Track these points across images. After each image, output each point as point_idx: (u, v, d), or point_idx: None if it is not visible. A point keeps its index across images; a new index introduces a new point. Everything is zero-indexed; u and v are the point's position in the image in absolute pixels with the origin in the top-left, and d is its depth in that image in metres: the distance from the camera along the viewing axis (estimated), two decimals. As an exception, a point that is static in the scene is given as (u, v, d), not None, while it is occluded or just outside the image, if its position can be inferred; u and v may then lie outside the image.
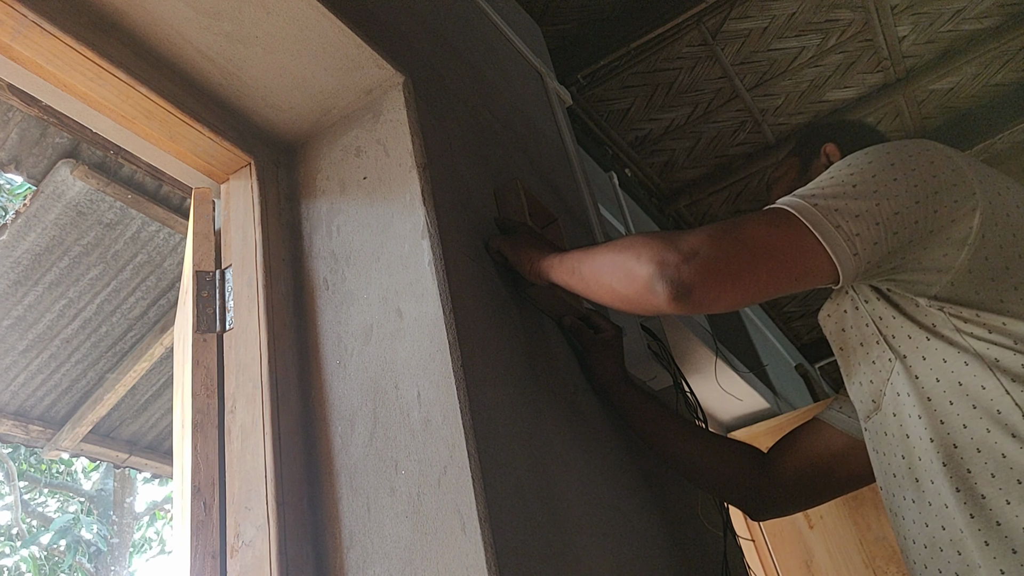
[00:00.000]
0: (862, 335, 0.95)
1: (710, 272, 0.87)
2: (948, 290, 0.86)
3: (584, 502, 1.02)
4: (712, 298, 0.88)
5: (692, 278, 0.87)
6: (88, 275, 2.71)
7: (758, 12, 2.92)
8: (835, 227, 0.85)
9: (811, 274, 0.88)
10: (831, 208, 0.87)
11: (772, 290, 0.89)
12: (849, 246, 0.85)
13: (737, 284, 0.88)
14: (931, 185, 0.87)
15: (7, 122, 2.15)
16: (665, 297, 0.89)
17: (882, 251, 0.86)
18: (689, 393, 1.50)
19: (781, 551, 2.84)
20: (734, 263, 0.87)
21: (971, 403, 0.84)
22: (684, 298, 0.88)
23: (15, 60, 0.93)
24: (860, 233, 0.85)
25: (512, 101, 1.68)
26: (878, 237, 0.85)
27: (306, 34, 1.06)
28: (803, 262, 0.87)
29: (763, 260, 0.87)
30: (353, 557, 0.86)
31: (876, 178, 0.88)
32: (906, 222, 0.86)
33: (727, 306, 0.90)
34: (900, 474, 0.92)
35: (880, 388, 0.94)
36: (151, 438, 3.62)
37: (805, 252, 0.87)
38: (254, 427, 0.94)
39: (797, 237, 0.87)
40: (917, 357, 0.89)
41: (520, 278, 1.15)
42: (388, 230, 1.04)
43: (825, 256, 0.86)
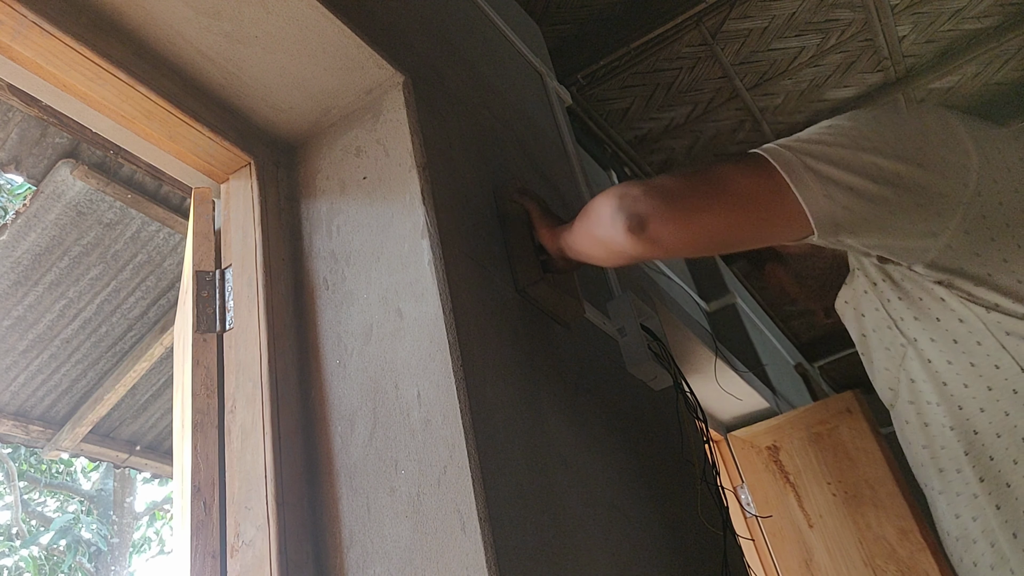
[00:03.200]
0: (875, 320, 0.91)
1: (666, 205, 0.86)
2: (946, 255, 0.80)
3: (584, 502, 1.02)
4: (668, 233, 0.86)
5: (648, 210, 0.86)
6: (88, 275, 2.71)
7: (758, 12, 2.92)
8: (805, 168, 0.81)
9: (777, 218, 0.83)
10: (805, 151, 0.82)
11: (734, 232, 0.85)
12: (820, 187, 0.80)
13: (693, 220, 0.85)
14: (917, 141, 0.82)
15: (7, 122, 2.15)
16: (622, 229, 0.88)
17: (861, 202, 0.80)
18: (689, 393, 1.50)
19: (781, 550, 2.84)
20: (692, 198, 0.85)
21: (986, 384, 0.79)
22: (639, 231, 0.87)
23: (15, 60, 0.93)
24: (833, 178, 0.80)
25: (512, 101, 1.68)
26: (854, 184, 0.80)
27: (306, 34, 1.06)
28: (767, 203, 0.82)
29: (723, 197, 0.84)
30: (353, 557, 0.86)
31: (857, 130, 0.83)
32: (887, 175, 0.80)
33: (684, 244, 0.87)
34: (925, 465, 0.89)
35: (895, 375, 0.90)
36: (151, 438, 3.62)
37: (770, 193, 0.82)
38: (254, 427, 0.94)
39: (763, 177, 0.82)
40: (926, 340, 0.85)
41: (520, 274, 1.15)
42: (388, 230, 1.04)
43: (793, 199, 0.80)
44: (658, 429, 1.43)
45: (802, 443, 2.96)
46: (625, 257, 0.96)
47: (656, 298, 2.30)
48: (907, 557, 2.57)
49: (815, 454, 2.91)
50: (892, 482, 2.68)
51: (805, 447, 2.94)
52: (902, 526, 2.62)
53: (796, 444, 2.97)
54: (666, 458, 1.39)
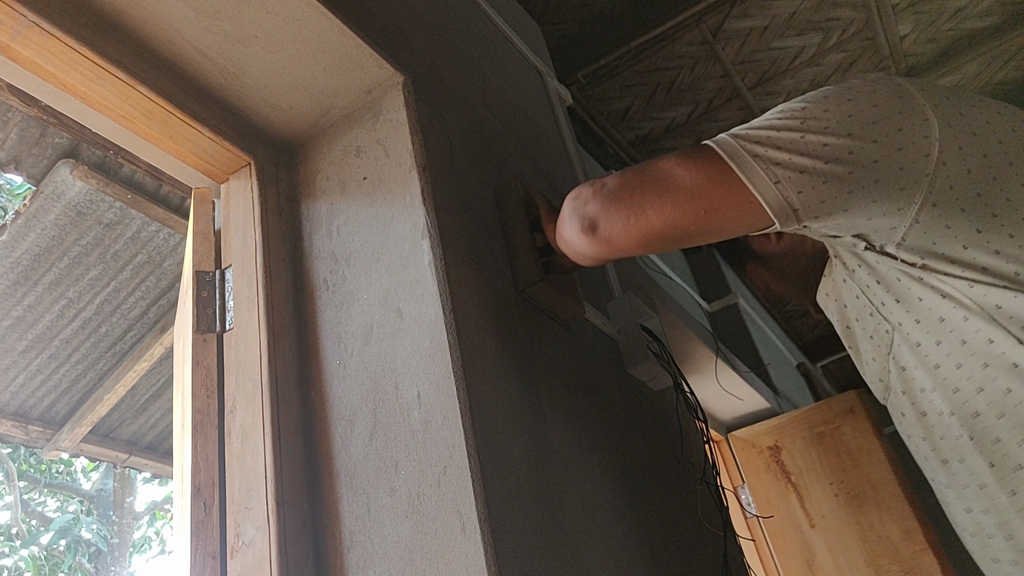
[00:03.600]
0: (857, 309, 0.88)
1: (613, 203, 0.86)
2: (917, 232, 0.76)
3: (584, 502, 1.02)
4: (617, 232, 0.86)
5: (596, 210, 0.87)
6: (88, 275, 2.71)
7: (759, 11, 2.92)
8: (753, 156, 0.79)
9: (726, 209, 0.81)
10: (752, 139, 0.80)
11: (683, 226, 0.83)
12: (768, 175, 0.77)
13: (640, 216, 0.84)
14: (869, 115, 0.78)
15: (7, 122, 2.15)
16: (576, 231, 0.89)
17: (815, 184, 0.77)
18: (689, 393, 1.49)
19: (782, 551, 2.84)
20: (638, 194, 0.85)
21: (981, 362, 0.74)
22: (591, 231, 0.88)
23: (15, 60, 0.93)
24: (782, 162, 0.77)
25: (512, 101, 1.68)
26: (804, 165, 0.77)
27: (306, 34, 1.06)
28: (713, 194, 0.81)
29: (666, 192, 0.83)
30: (353, 557, 0.86)
31: (805, 110, 0.81)
32: (838, 153, 0.77)
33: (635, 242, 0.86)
34: (928, 458, 0.84)
35: (884, 365, 0.86)
36: (151, 438, 3.62)
37: (716, 183, 0.80)
38: (254, 427, 0.94)
39: (708, 168, 0.81)
40: (911, 322, 0.80)
41: (520, 275, 1.15)
42: (388, 230, 1.04)
43: (742, 188, 0.79)
44: (658, 429, 1.43)
45: (804, 443, 2.95)
46: (588, 258, 0.96)
47: (656, 298, 2.30)
48: (910, 557, 2.57)
49: (817, 454, 2.90)
50: (895, 482, 2.68)
51: (807, 447, 2.94)
52: (905, 526, 2.61)
53: (798, 444, 2.97)
54: (666, 458, 1.39)
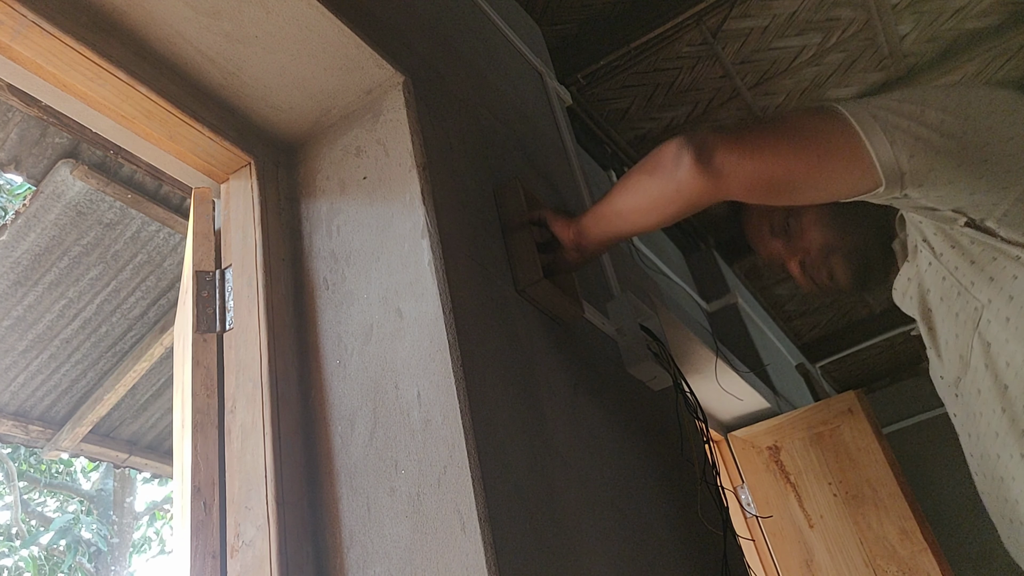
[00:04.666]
0: (943, 290, 0.92)
1: (735, 137, 0.90)
2: (1018, 209, 0.82)
3: (584, 502, 1.02)
4: (732, 165, 0.88)
5: (716, 141, 0.90)
6: (88, 275, 2.71)
7: (759, 11, 2.92)
8: (874, 117, 0.84)
9: (843, 162, 0.85)
10: (874, 104, 0.86)
11: (799, 172, 0.87)
12: (887, 135, 0.83)
13: (758, 154, 0.88)
14: (987, 107, 0.85)
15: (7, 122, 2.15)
16: (687, 162, 0.91)
17: (927, 151, 0.83)
18: (689, 393, 1.50)
19: (781, 551, 2.84)
20: (760, 134, 0.89)
21: None
22: (705, 162, 0.90)
23: (15, 60, 0.93)
24: (900, 127, 0.83)
25: (512, 101, 1.68)
26: (920, 134, 0.83)
27: (306, 34, 1.06)
28: (834, 145, 0.85)
29: (790, 134, 0.87)
30: (353, 557, 0.86)
31: (927, 93, 0.87)
32: (953, 130, 0.83)
33: (748, 179, 0.89)
34: (1002, 431, 0.87)
35: (967, 342, 0.89)
36: (151, 438, 3.62)
37: (838, 135, 0.85)
38: (254, 427, 0.94)
39: (831, 121, 0.86)
40: (1004, 299, 0.84)
41: (520, 274, 1.15)
42: (388, 230, 1.04)
43: (860, 144, 0.84)
44: (658, 429, 1.43)
45: (803, 443, 2.95)
46: (675, 201, 0.97)
47: (656, 298, 2.30)
48: (908, 557, 2.57)
49: (816, 454, 2.90)
50: (893, 482, 2.68)
51: (806, 447, 2.94)
52: (903, 526, 2.62)
53: (797, 444, 2.97)
54: (666, 458, 1.39)
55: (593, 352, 1.33)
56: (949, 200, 0.85)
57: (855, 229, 1.06)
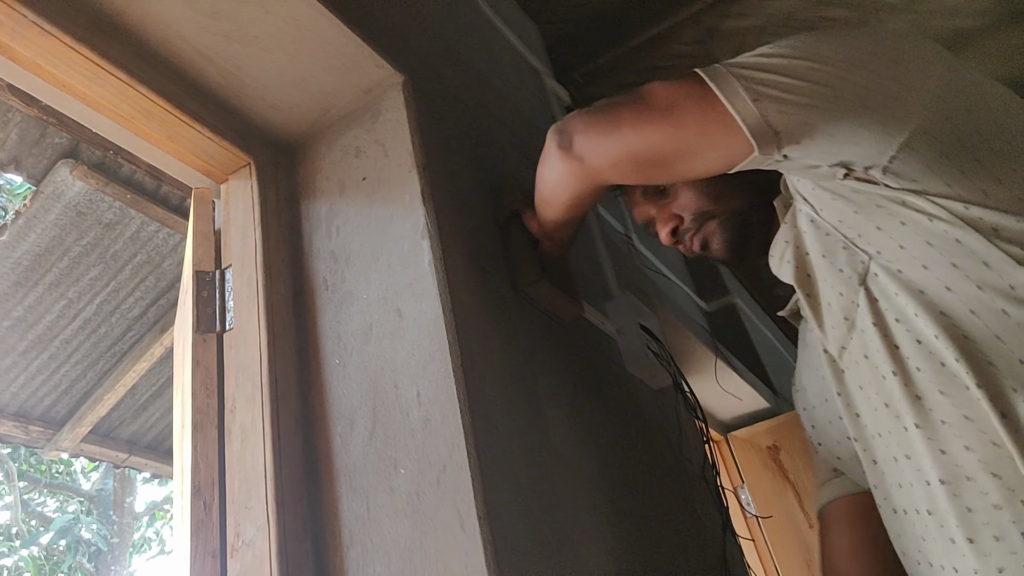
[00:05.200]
0: (825, 246, 0.82)
1: (592, 118, 0.88)
2: (907, 156, 0.73)
3: (583, 501, 1.02)
4: (591, 148, 0.87)
5: (574, 126, 0.89)
6: (88, 275, 2.71)
7: (754, 11, 2.92)
8: (736, 77, 0.77)
9: (706, 130, 0.79)
10: (737, 63, 0.79)
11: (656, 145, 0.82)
12: (748, 93, 0.75)
13: (615, 133, 0.85)
14: (870, 49, 0.77)
15: (7, 122, 2.15)
16: (554, 149, 0.91)
17: (799, 105, 0.74)
18: (689, 393, 1.50)
19: (781, 551, 2.84)
20: (616, 110, 0.86)
21: (974, 284, 0.70)
22: (568, 147, 0.89)
23: (15, 60, 0.93)
24: (766, 82, 0.75)
25: (510, 100, 1.68)
26: (790, 86, 0.74)
27: (305, 34, 1.06)
28: (689, 110, 0.79)
29: (646, 108, 0.83)
30: (353, 556, 0.86)
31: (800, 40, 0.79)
32: (827, 78, 0.75)
33: (609, 159, 0.86)
34: (893, 400, 0.77)
35: (852, 300, 0.80)
36: (151, 438, 3.62)
37: (694, 99, 0.79)
38: (254, 427, 0.94)
39: (689, 86, 0.80)
40: (894, 248, 0.75)
41: (519, 274, 1.15)
42: (388, 230, 1.04)
43: (723, 109, 0.76)
44: (658, 429, 1.43)
45: (803, 443, 2.93)
46: (563, 187, 0.96)
47: (655, 298, 2.30)
48: (907, 556, 2.57)
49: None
50: (892, 481, 2.68)
51: (806, 447, 2.93)
52: (902, 525, 2.61)
53: (797, 444, 2.97)
54: (666, 458, 1.39)
55: (593, 351, 1.33)
56: (831, 154, 0.76)
57: (732, 193, 0.98)
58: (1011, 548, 0.67)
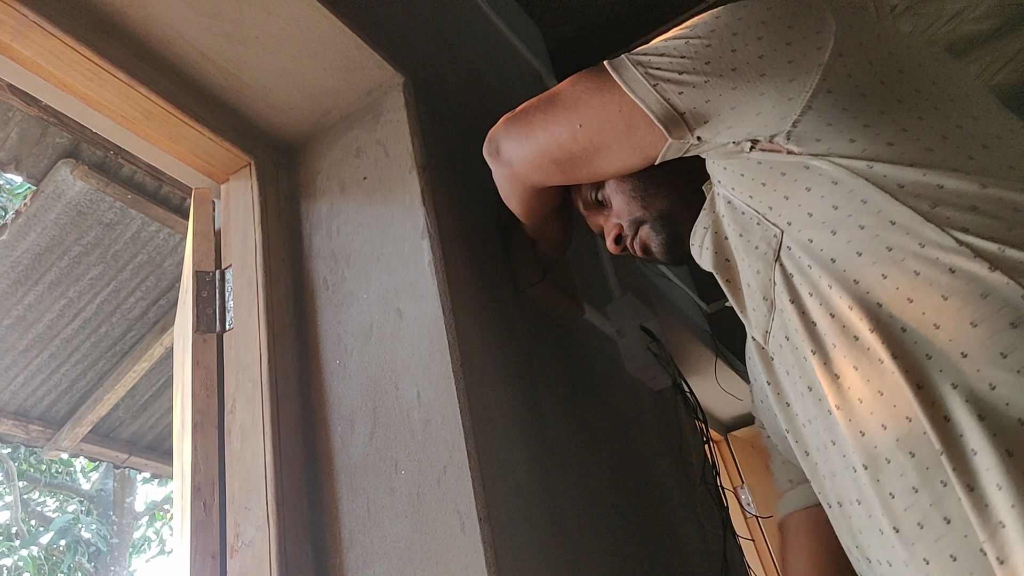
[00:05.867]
0: (740, 225, 0.79)
1: (512, 123, 0.90)
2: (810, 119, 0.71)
3: (583, 502, 1.02)
4: (513, 151, 0.89)
5: (499, 132, 0.92)
6: (88, 275, 2.71)
7: (758, 12, 2.92)
8: (635, 64, 0.77)
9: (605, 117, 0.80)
10: (637, 52, 0.79)
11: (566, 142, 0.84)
12: (647, 79, 0.76)
13: (530, 135, 0.87)
14: (759, 17, 0.76)
15: (7, 122, 2.15)
16: (486, 154, 0.94)
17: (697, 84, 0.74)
18: (689, 393, 1.50)
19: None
20: (530, 113, 0.88)
21: (884, 245, 0.66)
22: (496, 154, 0.92)
23: (15, 60, 0.93)
24: (662, 66, 0.76)
25: (512, 102, 1.68)
26: (685, 67, 0.74)
27: (306, 35, 1.06)
28: (593, 103, 0.80)
29: (554, 106, 0.85)
30: (353, 557, 0.86)
31: (696, 21, 0.79)
32: (720, 53, 0.74)
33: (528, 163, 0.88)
34: (815, 383, 0.73)
35: (769, 277, 0.76)
36: (151, 438, 3.62)
37: (597, 91, 0.80)
38: (254, 427, 0.94)
39: (591, 78, 0.81)
40: (803, 216, 0.72)
41: (520, 275, 1.15)
42: (388, 230, 1.04)
43: (621, 94, 0.77)
44: (658, 429, 1.43)
45: (802, 444, 2.95)
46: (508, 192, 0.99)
47: (656, 299, 2.30)
48: (907, 558, 2.56)
49: (815, 455, 2.90)
50: (892, 483, 2.67)
51: (805, 448, 2.94)
52: (902, 527, 2.61)
53: (796, 445, 2.97)
54: (666, 458, 1.39)
55: (593, 353, 1.33)
56: (739, 129, 0.75)
57: (657, 192, 0.95)
58: (934, 535, 0.62)
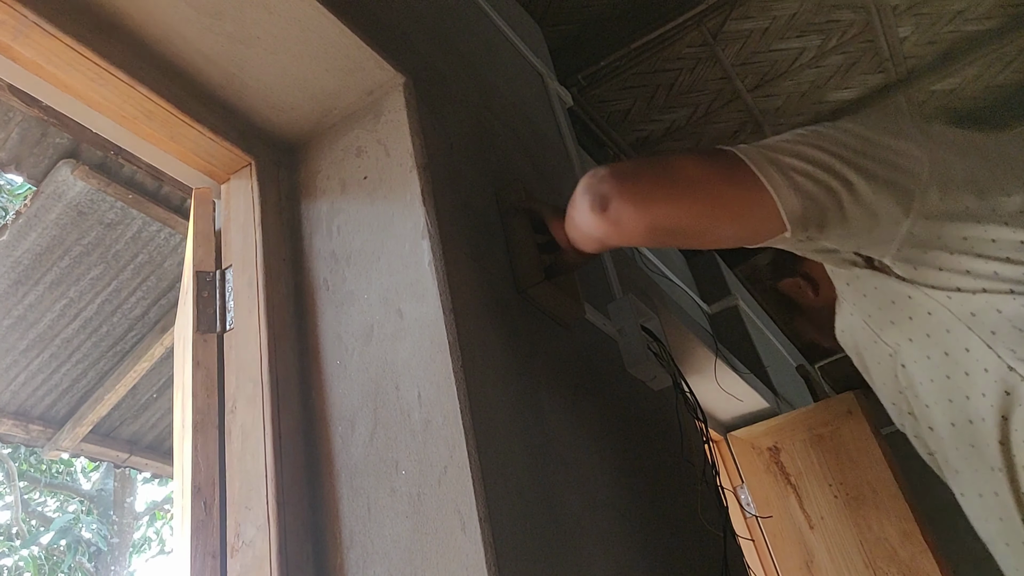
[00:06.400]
0: (864, 339, 0.92)
1: (627, 185, 0.88)
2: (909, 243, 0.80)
3: (584, 502, 1.02)
4: (627, 215, 0.88)
5: (610, 190, 0.89)
6: (89, 275, 2.71)
7: (759, 13, 2.92)
8: (769, 161, 0.82)
9: (741, 209, 0.84)
10: (768, 146, 0.84)
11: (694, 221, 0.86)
12: (784, 177, 0.80)
13: (651, 204, 0.86)
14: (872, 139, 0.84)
15: (8, 122, 2.15)
16: (586, 208, 0.91)
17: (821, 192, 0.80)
18: (689, 393, 1.50)
19: (781, 551, 2.84)
20: (652, 181, 0.87)
21: (963, 370, 0.78)
22: (601, 210, 0.90)
23: (16, 61, 0.93)
24: (796, 168, 0.81)
25: (513, 102, 1.68)
26: (813, 174, 0.81)
27: (307, 35, 1.06)
28: (728, 192, 0.83)
29: (681, 185, 0.85)
30: (353, 557, 0.86)
31: (820, 129, 0.85)
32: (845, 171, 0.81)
33: (642, 229, 0.88)
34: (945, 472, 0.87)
35: (894, 388, 0.89)
36: (151, 438, 3.62)
37: (732, 182, 0.82)
38: (254, 427, 0.94)
39: (725, 165, 0.84)
40: (906, 342, 0.84)
41: (521, 275, 1.15)
42: (388, 230, 1.04)
43: (760, 188, 0.81)
44: (658, 429, 1.43)
45: (803, 444, 2.95)
46: (594, 240, 0.97)
47: (657, 300, 2.30)
48: (908, 559, 2.57)
49: (816, 455, 2.90)
50: (894, 484, 2.68)
51: (806, 448, 2.94)
52: (904, 528, 2.61)
53: (797, 445, 2.97)
54: (666, 458, 1.39)
55: (594, 353, 1.33)
56: (848, 239, 0.83)
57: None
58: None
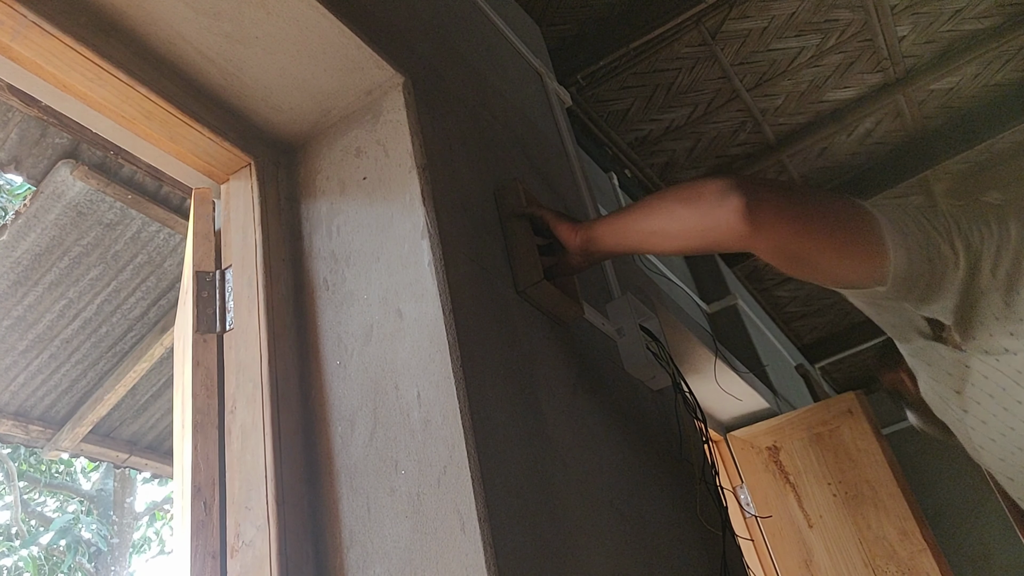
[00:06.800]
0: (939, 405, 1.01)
1: (785, 199, 0.92)
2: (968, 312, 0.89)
3: (583, 502, 1.02)
4: (774, 223, 0.91)
5: (768, 196, 0.92)
6: (88, 275, 2.71)
7: (757, 12, 2.92)
8: (890, 220, 0.89)
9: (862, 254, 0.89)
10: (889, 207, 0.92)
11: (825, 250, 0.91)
12: (901, 238, 0.87)
13: (799, 223, 0.91)
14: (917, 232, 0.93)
15: (7, 122, 2.15)
16: (732, 207, 0.91)
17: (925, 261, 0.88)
18: (688, 393, 1.50)
19: (781, 551, 2.84)
20: (806, 204, 0.93)
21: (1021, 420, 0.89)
22: (753, 211, 0.91)
23: (15, 60, 0.93)
24: (909, 232, 0.88)
25: (512, 102, 1.68)
26: (923, 244, 0.88)
27: (306, 35, 1.06)
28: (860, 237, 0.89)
29: (829, 216, 0.91)
30: (353, 557, 0.86)
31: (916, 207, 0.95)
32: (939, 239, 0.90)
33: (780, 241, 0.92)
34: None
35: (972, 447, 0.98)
36: (151, 438, 3.62)
37: (861, 224, 0.89)
38: (254, 427, 0.94)
39: (860, 212, 0.91)
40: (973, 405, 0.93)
41: (520, 275, 1.15)
42: (388, 230, 1.04)
43: (878, 236, 0.88)
44: (657, 429, 1.43)
45: (803, 444, 2.96)
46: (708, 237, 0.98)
47: (656, 299, 2.30)
48: (907, 558, 2.57)
49: (816, 455, 2.91)
50: (893, 483, 2.68)
51: (806, 448, 2.94)
52: (903, 527, 2.62)
53: (797, 445, 2.97)
54: (665, 458, 1.39)
55: (593, 352, 1.33)
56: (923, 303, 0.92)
57: None
58: None
